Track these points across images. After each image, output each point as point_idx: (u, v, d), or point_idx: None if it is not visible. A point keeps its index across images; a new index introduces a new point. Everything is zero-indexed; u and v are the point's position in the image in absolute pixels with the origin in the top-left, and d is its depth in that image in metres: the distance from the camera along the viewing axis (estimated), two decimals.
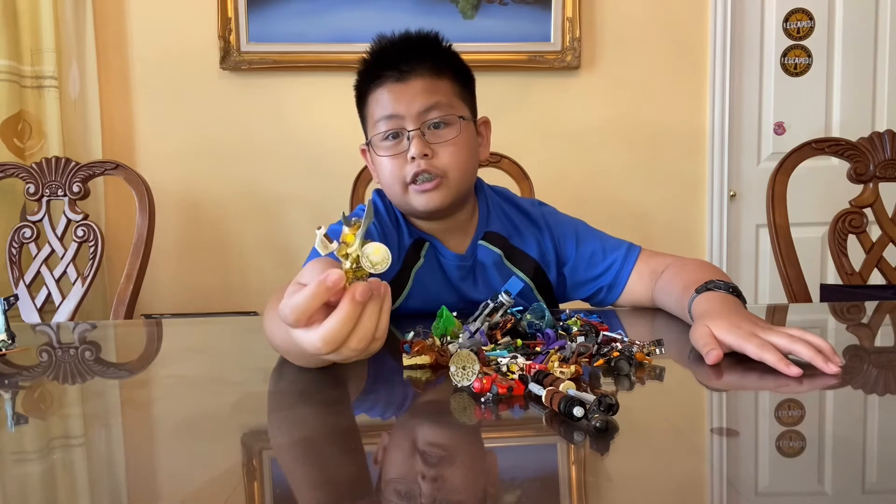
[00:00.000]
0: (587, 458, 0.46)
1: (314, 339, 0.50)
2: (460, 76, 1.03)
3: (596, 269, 1.07)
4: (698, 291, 0.81)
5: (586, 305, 1.12)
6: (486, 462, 0.46)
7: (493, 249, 1.06)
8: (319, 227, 0.52)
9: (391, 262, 0.51)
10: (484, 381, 0.57)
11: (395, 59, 0.98)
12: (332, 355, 0.52)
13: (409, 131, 0.96)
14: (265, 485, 0.43)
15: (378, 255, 0.50)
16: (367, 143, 1.04)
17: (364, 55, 1.02)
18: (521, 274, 1.07)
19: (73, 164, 1.60)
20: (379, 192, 1.12)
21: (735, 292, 0.81)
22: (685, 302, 0.83)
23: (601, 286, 1.08)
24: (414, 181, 0.96)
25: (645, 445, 0.48)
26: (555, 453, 0.48)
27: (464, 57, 1.06)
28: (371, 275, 0.51)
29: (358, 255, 0.50)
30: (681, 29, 2.23)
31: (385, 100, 0.97)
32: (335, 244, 0.51)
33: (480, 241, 1.07)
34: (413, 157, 0.95)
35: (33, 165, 1.60)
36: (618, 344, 0.70)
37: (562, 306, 1.11)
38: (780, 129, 2.32)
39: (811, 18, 2.28)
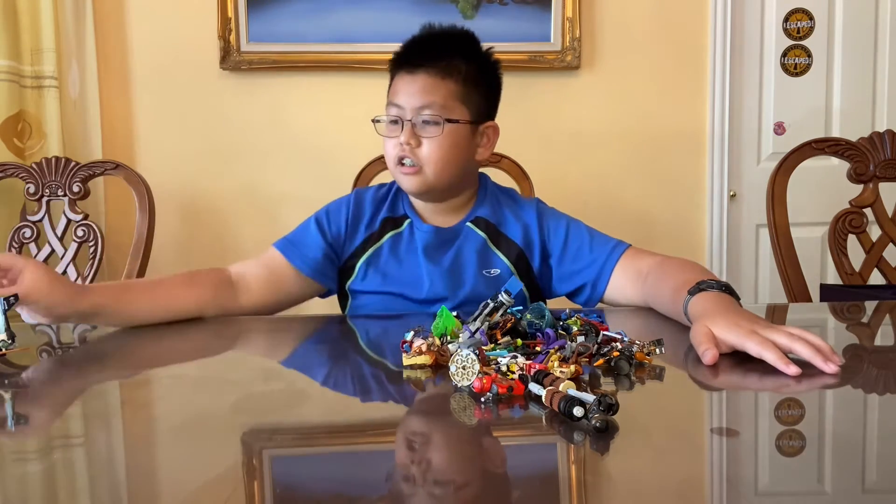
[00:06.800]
0: (587, 458, 0.46)
1: None
2: (473, 79, 1.09)
3: (581, 262, 1.11)
4: (691, 293, 0.81)
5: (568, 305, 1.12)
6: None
7: (479, 233, 1.14)
8: None
9: None
10: (484, 381, 0.57)
11: (414, 53, 1.10)
12: None
13: (403, 121, 1.07)
14: (265, 485, 0.43)
15: None
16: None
17: (404, 42, 1.13)
18: (502, 257, 1.13)
19: (73, 164, 1.60)
20: (358, 190, 1.22)
21: (728, 290, 0.81)
22: (679, 304, 0.83)
23: (585, 282, 1.10)
24: (401, 163, 1.08)
25: (645, 445, 0.48)
26: (555, 453, 0.48)
27: None
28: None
29: None
30: (681, 29, 2.23)
31: (396, 88, 1.09)
32: None
33: (468, 224, 1.14)
34: (401, 143, 1.07)
35: (33, 165, 1.60)
36: (618, 344, 0.70)
37: (561, 306, 1.11)
38: (780, 129, 2.32)
39: (811, 18, 2.28)
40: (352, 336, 0.97)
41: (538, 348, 0.70)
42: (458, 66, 1.07)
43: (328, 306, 1.27)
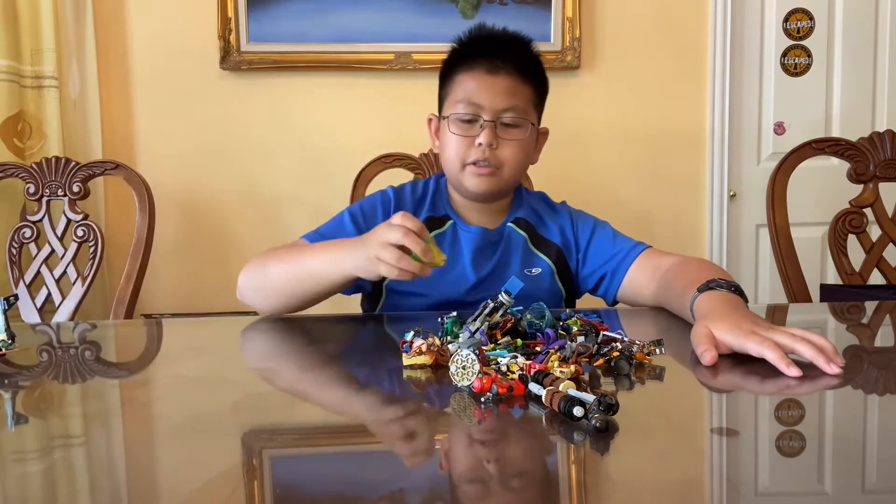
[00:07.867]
0: (587, 458, 0.46)
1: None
2: (539, 87, 1.12)
3: (603, 256, 1.14)
4: (700, 290, 0.81)
5: (587, 306, 1.13)
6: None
7: (520, 232, 1.16)
8: None
9: None
10: (484, 381, 0.57)
11: (491, 50, 1.07)
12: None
13: (484, 120, 1.05)
14: (265, 485, 0.43)
15: None
16: (440, 116, 1.14)
17: (461, 37, 1.13)
18: (543, 257, 1.14)
19: (73, 164, 1.60)
20: (394, 188, 1.20)
21: (737, 291, 0.81)
22: (687, 301, 0.83)
23: (604, 273, 1.13)
24: (474, 163, 1.07)
25: (645, 445, 0.48)
26: (555, 453, 0.48)
27: None
28: None
29: None
30: (681, 29, 2.23)
31: (471, 87, 1.07)
32: None
33: (510, 224, 1.16)
34: (480, 144, 1.05)
35: (33, 165, 1.60)
36: (618, 344, 0.70)
37: (583, 305, 1.12)
38: (780, 129, 2.32)
39: (811, 18, 2.28)
40: (352, 335, 0.97)
41: (538, 348, 0.70)
42: (534, 71, 1.10)
43: (329, 305, 1.27)
